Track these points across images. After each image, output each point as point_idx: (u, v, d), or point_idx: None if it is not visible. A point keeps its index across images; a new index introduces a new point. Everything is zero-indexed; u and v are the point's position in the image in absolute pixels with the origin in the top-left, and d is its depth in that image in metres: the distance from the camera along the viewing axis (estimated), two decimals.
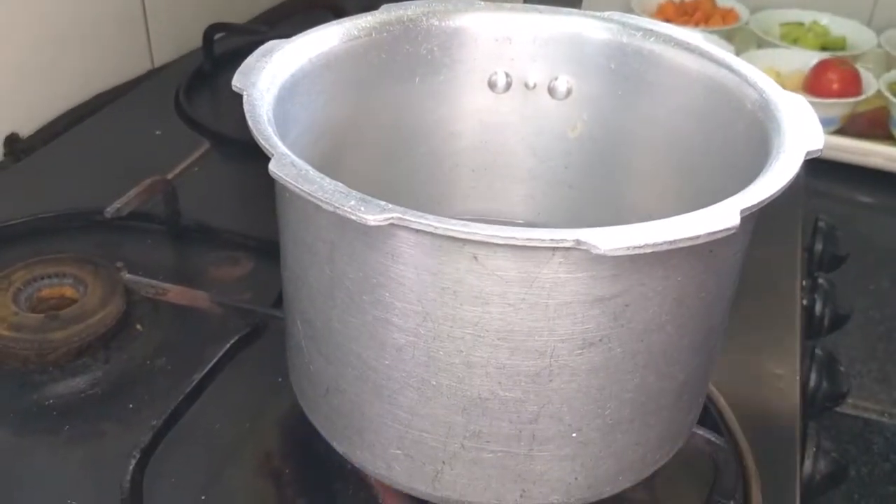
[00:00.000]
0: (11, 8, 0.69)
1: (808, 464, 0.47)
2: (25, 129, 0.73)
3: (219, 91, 0.81)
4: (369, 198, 0.30)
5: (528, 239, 0.30)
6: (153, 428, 0.41)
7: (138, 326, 0.52)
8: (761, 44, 0.88)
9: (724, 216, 0.29)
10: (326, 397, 0.38)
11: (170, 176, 0.64)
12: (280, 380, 0.46)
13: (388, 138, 0.48)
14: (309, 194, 0.31)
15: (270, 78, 0.38)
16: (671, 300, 0.33)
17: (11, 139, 0.71)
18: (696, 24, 0.90)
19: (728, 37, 0.88)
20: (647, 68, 0.42)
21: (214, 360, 0.46)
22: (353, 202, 0.30)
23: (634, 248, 0.28)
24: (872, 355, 0.62)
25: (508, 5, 0.45)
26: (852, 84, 0.82)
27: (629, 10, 0.91)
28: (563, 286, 0.31)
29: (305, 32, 0.41)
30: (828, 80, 0.82)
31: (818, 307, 0.59)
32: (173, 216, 0.60)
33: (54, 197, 0.63)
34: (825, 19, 0.92)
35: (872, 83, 0.81)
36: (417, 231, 0.30)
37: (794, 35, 0.90)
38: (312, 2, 0.97)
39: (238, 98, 0.36)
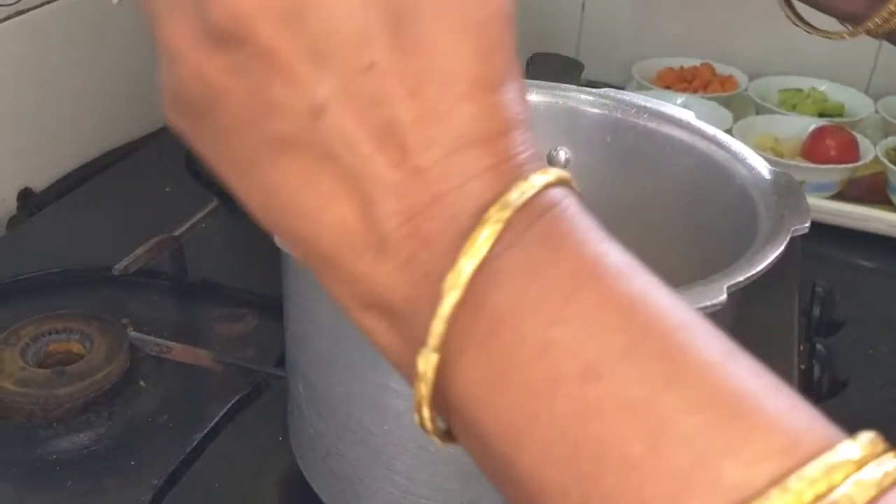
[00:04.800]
0: (26, 65, 0.72)
1: None
2: (38, 184, 0.75)
3: None
4: None
5: None
6: (154, 487, 0.42)
7: (142, 383, 0.53)
8: (759, 110, 0.90)
9: (710, 293, 0.30)
10: (325, 461, 0.38)
11: (177, 233, 0.66)
12: (280, 439, 0.47)
13: None
14: None
15: None
16: None
17: (24, 193, 0.73)
18: (695, 91, 0.92)
19: (726, 103, 0.90)
20: (640, 143, 0.43)
21: (215, 419, 0.46)
22: None
23: None
24: (872, 421, 0.62)
25: None
26: (850, 150, 0.83)
27: (629, 77, 0.94)
28: None
29: None
30: (825, 146, 0.83)
31: (816, 372, 0.59)
32: (179, 273, 0.61)
33: (65, 252, 0.64)
34: (823, 86, 0.94)
35: (870, 149, 0.83)
36: None
37: (792, 101, 0.92)
38: None
39: None
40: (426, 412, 0.21)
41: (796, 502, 0.16)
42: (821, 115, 0.90)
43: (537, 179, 0.20)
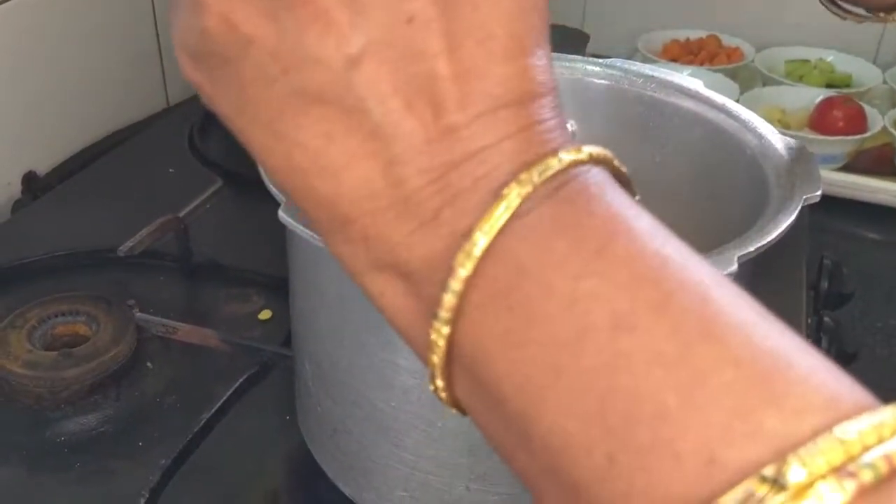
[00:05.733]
0: (29, 47, 0.71)
1: None
2: (42, 167, 0.74)
3: None
4: None
5: None
6: (162, 467, 0.42)
7: (149, 364, 0.52)
8: (766, 81, 0.89)
9: (721, 263, 0.29)
10: (333, 438, 0.38)
11: (182, 214, 0.66)
12: (288, 418, 0.47)
13: None
14: (317, 239, 0.31)
15: None
16: None
17: (29, 177, 0.73)
18: (702, 63, 0.91)
19: (733, 75, 0.89)
20: (648, 114, 0.43)
21: (223, 399, 0.46)
22: None
23: None
24: (880, 393, 0.62)
25: None
26: (858, 121, 0.82)
27: (635, 50, 0.93)
28: None
29: None
30: (833, 117, 0.82)
31: (824, 346, 0.59)
32: (185, 254, 0.61)
33: (70, 234, 0.64)
34: (831, 56, 0.93)
35: (878, 120, 0.82)
36: None
37: (799, 72, 0.91)
38: None
39: None
40: (440, 382, 0.20)
41: (845, 451, 0.16)
42: (828, 85, 0.89)
43: (566, 157, 0.19)
